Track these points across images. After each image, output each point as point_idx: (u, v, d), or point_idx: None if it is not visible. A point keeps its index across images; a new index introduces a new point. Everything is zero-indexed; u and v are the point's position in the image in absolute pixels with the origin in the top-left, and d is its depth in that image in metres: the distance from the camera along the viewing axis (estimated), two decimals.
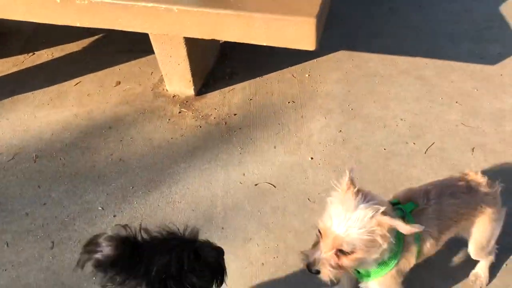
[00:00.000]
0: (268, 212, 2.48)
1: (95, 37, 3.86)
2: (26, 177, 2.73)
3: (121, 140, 2.94)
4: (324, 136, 2.90)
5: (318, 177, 2.65)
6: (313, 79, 3.34)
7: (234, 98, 3.22)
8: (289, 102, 3.16)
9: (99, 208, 2.54)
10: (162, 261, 1.29)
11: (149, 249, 1.31)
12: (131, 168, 2.75)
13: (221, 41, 3.63)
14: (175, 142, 2.91)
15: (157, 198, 2.60)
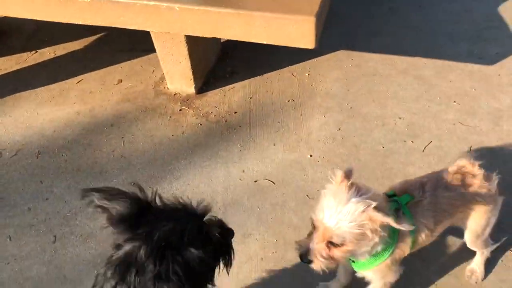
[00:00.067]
0: (268, 208, 2.51)
1: (96, 36, 3.90)
2: (29, 173, 2.77)
3: (122, 137, 2.97)
4: (323, 134, 2.93)
5: (317, 174, 2.68)
6: (313, 78, 3.38)
7: (235, 96, 3.25)
8: (288, 101, 3.19)
9: None
10: (165, 228, 1.27)
11: (157, 214, 1.31)
12: (132, 164, 2.78)
13: (222, 40, 3.66)
14: (176, 139, 2.94)
15: None
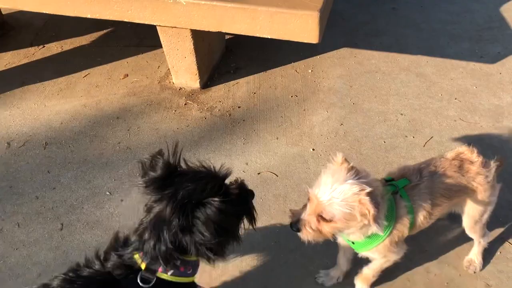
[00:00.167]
0: (270, 199, 2.56)
1: (103, 32, 3.96)
2: (36, 163, 2.82)
3: (128, 130, 3.03)
4: (325, 128, 2.98)
5: (319, 168, 2.72)
6: (316, 74, 3.43)
7: (239, 91, 3.30)
8: (292, 96, 3.24)
9: (107, 192, 2.62)
10: (189, 188, 1.42)
11: (182, 176, 1.47)
12: (138, 155, 2.83)
13: (227, 37, 3.72)
14: (181, 132, 2.99)
15: None
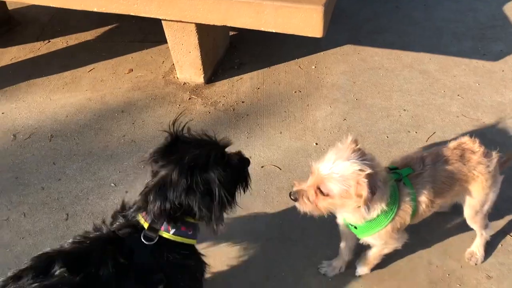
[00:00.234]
0: (274, 192, 2.58)
1: (108, 27, 3.99)
2: (42, 155, 2.84)
3: (133, 123, 3.05)
4: (329, 123, 3.00)
5: None
6: (320, 70, 3.45)
7: (242, 86, 3.33)
8: (295, 92, 3.26)
9: (112, 184, 2.65)
10: (194, 153, 1.58)
11: (186, 143, 1.63)
12: (142, 148, 2.86)
13: (231, 33, 3.74)
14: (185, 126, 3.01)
15: None
